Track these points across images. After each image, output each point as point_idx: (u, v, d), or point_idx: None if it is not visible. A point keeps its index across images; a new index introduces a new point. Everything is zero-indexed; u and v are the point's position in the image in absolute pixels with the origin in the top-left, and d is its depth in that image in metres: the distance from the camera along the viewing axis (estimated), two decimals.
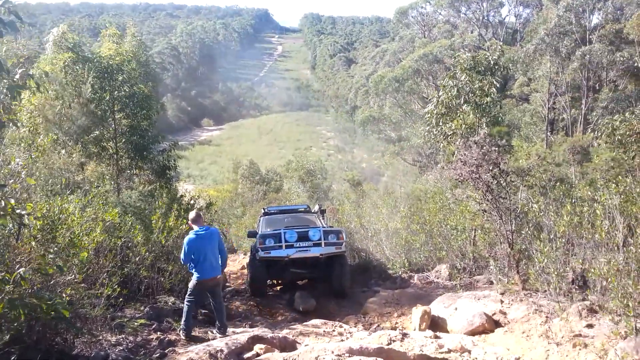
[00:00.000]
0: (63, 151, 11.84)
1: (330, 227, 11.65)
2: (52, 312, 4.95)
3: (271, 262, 10.37)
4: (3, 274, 4.46)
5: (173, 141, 17.01)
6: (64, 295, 5.64)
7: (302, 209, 13.14)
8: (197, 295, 6.99)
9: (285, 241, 10.15)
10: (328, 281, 10.63)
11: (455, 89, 12.34)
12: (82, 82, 13.35)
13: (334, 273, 10.37)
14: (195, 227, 6.89)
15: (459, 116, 12.36)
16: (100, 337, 6.23)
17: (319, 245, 10.17)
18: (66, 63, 13.24)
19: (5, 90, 3.42)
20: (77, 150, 12.09)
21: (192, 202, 12.51)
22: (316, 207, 13.13)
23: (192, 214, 7.13)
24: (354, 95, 66.54)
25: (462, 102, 12.43)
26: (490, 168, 8.91)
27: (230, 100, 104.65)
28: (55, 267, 4.39)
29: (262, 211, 13.17)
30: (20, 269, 4.06)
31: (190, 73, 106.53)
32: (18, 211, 3.78)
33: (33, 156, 7.05)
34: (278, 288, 11.79)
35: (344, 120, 73.34)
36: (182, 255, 6.96)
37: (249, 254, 12.68)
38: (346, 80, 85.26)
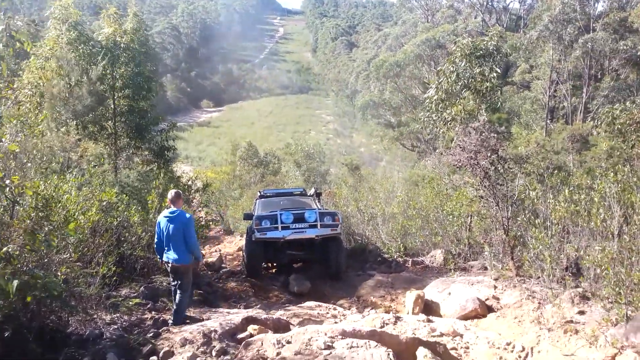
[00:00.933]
0: (63, 129, 11.79)
1: (326, 209, 11.64)
2: (46, 291, 4.98)
3: (267, 243, 10.40)
4: None
5: (172, 122, 16.95)
6: (59, 273, 5.66)
7: (298, 192, 13.16)
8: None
9: (282, 222, 10.16)
10: (323, 263, 10.70)
11: (455, 74, 12.27)
12: (86, 60, 13.26)
13: (330, 255, 10.43)
14: (172, 208, 6.59)
15: (459, 102, 12.31)
16: (95, 316, 6.26)
17: (314, 227, 10.20)
18: (69, 41, 13.13)
19: None
20: (74, 129, 12.04)
21: (189, 183, 12.48)
22: (312, 190, 13.18)
23: (170, 193, 6.76)
24: (355, 79, 66.13)
25: (462, 87, 12.37)
26: (489, 154, 8.90)
27: (230, 81, 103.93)
28: (44, 244, 4.35)
29: (258, 194, 13.19)
30: (9, 247, 4.04)
31: (190, 54, 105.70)
32: (7, 182, 3.72)
33: (26, 134, 6.98)
34: (273, 270, 11.84)
35: (344, 104, 73.04)
36: None
37: (245, 235, 12.69)
38: (347, 64, 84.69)
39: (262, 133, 67.75)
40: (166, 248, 6.53)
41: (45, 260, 5.56)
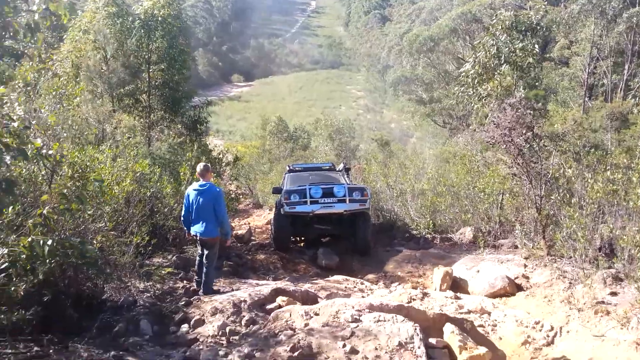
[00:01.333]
0: (99, 101, 12.03)
1: (354, 184, 11.60)
2: (82, 258, 5.14)
3: (295, 217, 10.46)
4: (34, 218, 4.62)
5: (204, 97, 17.10)
6: (94, 242, 5.83)
7: (327, 167, 13.10)
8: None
9: (310, 197, 10.18)
10: (351, 238, 10.71)
11: (495, 47, 11.91)
12: (123, 34, 13.41)
13: (357, 230, 10.41)
14: (202, 181, 6.64)
15: (496, 77, 11.99)
16: (129, 284, 6.45)
17: (343, 201, 10.19)
18: (108, 14, 13.28)
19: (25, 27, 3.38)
20: (109, 101, 12.26)
21: (220, 156, 12.61)
22: (341, 165, 13.06)
23: (199, 167, 6.74)
24: (387, 54, 65.01)
25: (500, 62, 12.02)
26: (524, 132, 8.72)
27: (261, 56, 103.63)
28: (76, 202, 4.46)
29: (287, 168, 13.21)
30: (46, 208, 4.17)
31: (222, 28, 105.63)
32: (44, 152, 3.83)
33: (64, 105, 7.14)
34: (302, 244, 11.95)
35: (375, 79, 72.08)
36: None
37: (274, 209, 12.79)
38: (380, 39, 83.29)
39: (292, 108, 67.66)
40: (194, 221, 6.59)
41: (82, 228, 5.74)
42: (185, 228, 6.93)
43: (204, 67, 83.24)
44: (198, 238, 6.66)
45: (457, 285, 7.77)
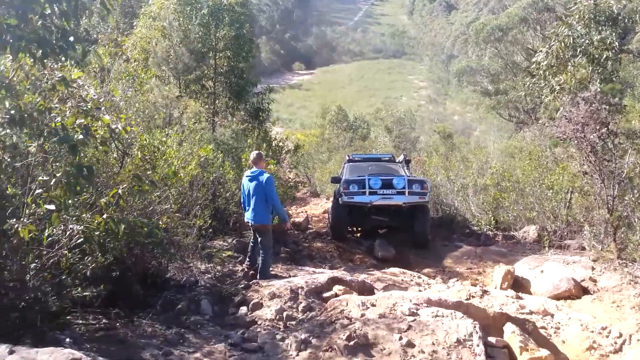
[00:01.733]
0: (167, 87, 12.44)
1: (414, 177, 11.41)
2: (150, 237, 5.37)
3: (353, 207, 10.40)
4: (107, 197, 4.87)
5: (267, 84, 17.31)
6: (160, 222, 6.07)
7: (387, 158, 12.89)
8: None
9: (369, 188, 10.07)
10: (409, 231, 10.57)
11: (571, 38, 11.29)
12: (191, 21, 13.76)
13: (416, 223, 10.26)
14: (254, 168, 6.74)
15: (569, 69, 11.39)
16: (191, 264, 6.67)
17: (402, 194, 10.04)
18: (178, 1, 13.66)
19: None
20: (176, 86, 12.64)
21: (281, 143, 12.77)
22: (401, 157, 12.85)
23: (252, 154, 6.93)
24: (452, 43, 63.63)
25: (576, 54, 11.39)
26: (598, 128, 8.27)
27: (322, 44, 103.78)
28: (148, 184, 4.65)
29: (347, 158, 13.08)
30: (119, 188, 4.36)
31: (285, 15, 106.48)
32: (114, 126, 3.97)
33: (136, 90, 7.44)
34: (358, 234, 11.93)
35: (439, 69, 70.62)
36: None
37: (331, 198, 12.76)
38: (445, 28, 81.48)
39: (353, 97, 67.40)
40: (247, 207, 6.71)
41: (149, 209, 5.98)
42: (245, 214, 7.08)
43: (266, 55, 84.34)
44: (250, 225, 6.78)
45: (518, 285, 7.53)
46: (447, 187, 13.38)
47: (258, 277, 6.58)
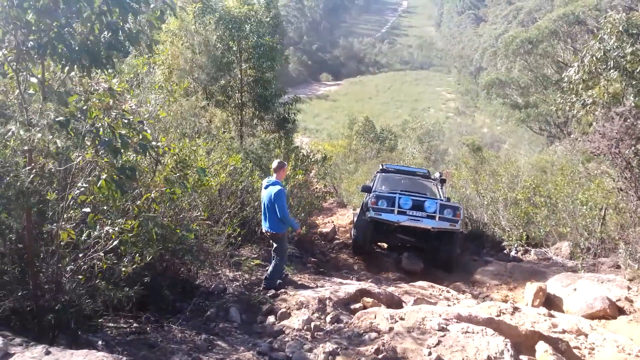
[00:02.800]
0: (194, 98, 12.61)
1: (448, 199, 10.86)
2: (180, 243, 5.43)
3: (379, 223, 10.02)
4: (139, 203, 4.95)
5: (294, 94, 17.38)
6: (186, 232, 6.13)
7: (422, 173, 12.29)
8: None
9: (399, 207, 9.65)
10: (434, 254, 10.24)
11: (602, 51, 11.09)
12: (210, 31, 13.92)
13: (442, 247, 9.91)
14: (272, 177, 6.74)
15: (602, 83, 11.16)
16: (220, 272, 6.74)
17: (432, 217, 9.54)
18: (196, 13, 13.85)
19: (146, 22, 3.62)
20: (203, 97, 12.79)
21: (309, 154, 12.78)
22: (437, 174, 12.40)
23: (274, 162, 6.90)
24: (480, 56, 62.95)
25: (608, 67, 11.16)
26: (633, 143, 8.07)
27: (350, 55, 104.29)
28: (182, 187, 4.73)
29: (380, 167, 12.70)
30: (152, 192, 4.43)
31: (313, 27, 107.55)
32: (153, 143, 4.07)
33: (169, 100, 7.58)
34: (385, 246, 11.81)
35: (467, 82, 70.05)
36: None
37: (358, 209, 12.58)
38: (473, 40, 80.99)
39: (380, 108, 67.42)
40: (263, 216, 6.73)
41: (180, 216, 6.05)
42: None
43: (294, 66, 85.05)
44: (265, 233, 6.80)
45: (550, 303, 7.35)
46: (476, 200, 13.19)
47: (264, 282, 6.57)
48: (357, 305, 5.92)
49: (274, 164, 6.83)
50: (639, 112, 9.50)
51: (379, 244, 11.75)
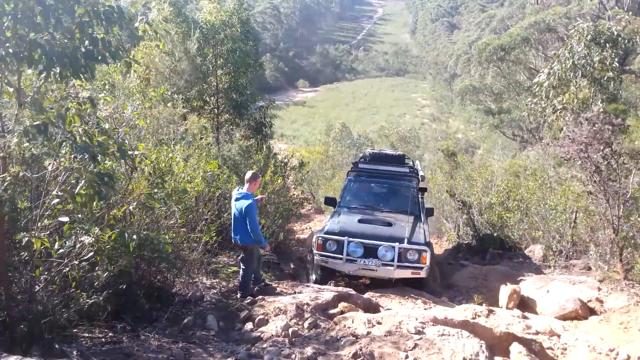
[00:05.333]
0: (170, 104, 12.52)
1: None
2: (156, 251, 5.39)
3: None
4: (115, 211, 4.91)
5: (270, 99, 17.42)
6: (166, 237, 6.09)
7: (402, 173, 10.41)
8: None
9: (347, 255, 8.01)
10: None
11: (571, 60, 11.42)
12: (187, 38, 13.91)
13: (416, 285, 8.33)
14: (243, 188, 6.60)
15: (572, 90, 11.49)
16: (197, 280, 6.69)
17: (390, 266, 7.93)
18: (169, 17, 13.81)
19: (127, 39, 3.64)
20: (181, 103, 12.72)
21: (285, 160, 12.81)
22: (422, 173, 10.90)
23: (247, 173, 6.70)
24: (455, 62, 63.94)
25: (577, 74, 11.50)
26: (601, 148, 8.30)
27: (326, 62, 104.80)
28: (161, 202, 4.72)
29: (358, 160, 11.10)
30: (131, 204, 4.41)
31: (289, 34, 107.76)
32: (131, 152, 4.06)
33: (146, 106, 7.53)
34: None
35: (442, 88, 70.99)
36: None
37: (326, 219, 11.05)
38: (447, 47, 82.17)
39: (356, 115, 67.76)
40: (232, 227, 6.61)
41: (156, 224, 6.00)
42: None
43: (270, 72, 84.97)
44: (235, 243, 6.72)
45: (524, 305, 7.50)
46: (451, 205, 13.37)
47: (239, 292, 6.50)
48: (335, 311, 5.95)
49: (248, 174, 6.67)
50: (606, 118, 9.79)
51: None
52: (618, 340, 5.91)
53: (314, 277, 8.61)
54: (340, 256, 8.00)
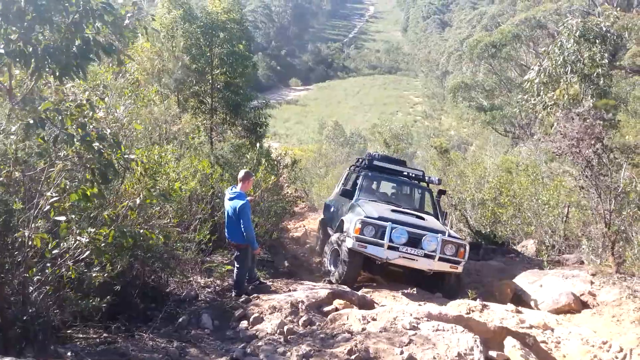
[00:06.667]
0: (164, 103, 12.48)
1: (450, 234, 8.16)
2: (150, 251, 5.39)
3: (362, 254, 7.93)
4: (110, 211, 4.89)
5: (263, 99, 17.40)
6: (160, 237, 6.08)
7: (415, 176, 10.13)
8: None
9: (390, 240, 7.65)
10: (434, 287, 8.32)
11: (562, 57, 11.50)
12: (187, 38, 13.86)
13: (444, 285, 8.17)
14: (236, 188, 6.63)
15: (562, 86, 11.57)
16: (191, 279, 6.68)
17: (431, 257, 7.70)
18: (176, 20, 13.76)
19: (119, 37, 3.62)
20: (175, 102, 12.69)
21: (279, 158, 12.81)
22: (433, 178, 10.33)
23: (240, 172, 6.73)
24: (446, 60, 64.25)
25: (567, 71, 11.58)
26: (593, 143, 8.38)
27: (318, 60, 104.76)
28: (160, 198, 4.72)
29: (362, 161, 10.47)
30: (129, 201, 4.41)
31: (281, 32, 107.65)
32: (127, 156, 4.06)
33: (138, 106, 7.51)
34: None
35: (434, 85, 71.19)
36: None
37: (321, 224, 11.32)
38: (439, 44, 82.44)
39: (349, 113, 67.87)
40: (226, 225, 6.64)
41: (150, 223, 5.98)
42: None
43: (262, 71, 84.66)
44: (228, 242, 6.75)
45: (518, 299, 7.55)
46: (444, 201, 13.40)
47: (233, 291, 6.52)
48: (329, 308, 5.97)
49: (241, 173, 6.69)
50: (597, 113, 9.88)
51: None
52: (611, 333, 5.97)
53: (335, 271, 8.08)
54: (382, 241, 7.63)
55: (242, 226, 6.36)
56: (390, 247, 7.64)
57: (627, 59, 32.57)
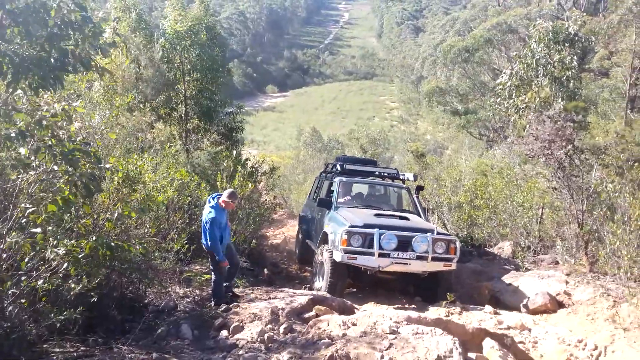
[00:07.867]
0: (136, 112, 12.34)
1: (439, 231, 7.83)
2: (127, 262, 5.32)
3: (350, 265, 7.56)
4: (86, 221, 4.83)
5: (239, 104, 17.36)
6: (137, 247, 6.01)
7: (389, 175, 9.90)
8: None
9: (380, 248, 7.28)
10: (426, 293, 8.11)
11: (533, 60, 11.77)
12: (152, 46, 13.78)
13: (439, 289, 7.74)
14: (213, 201, 6.67)
15: (534, 89, 11.83)
16: (170, 289, 6.62)
17: (423, 258, 7.37)
18: (131, 26, 13.68)
19: (96, 49, 3.59)
20: (148, 111, 12.55)
21: (256, 166, 12.77)
22: (409, 175, 10.02)
23: (227, 191, 6.78)
24: (421, 65, 64.98)
25: (538, 74, 11.86)
26: (564, 144, 8.59)
27: (294, 67, 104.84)
28: (139, 211, 4.68)
29: (332, 166, 10.20)
30: (108, 213, 4.36)
31: (256, 39, 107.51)
32: (102, 165, 4.02)
33: (113, 114, 7.43)
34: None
35: (409, 90, 71.81)
36: None
37: (299, 232, 11.17)
38: (413, 50, 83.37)
39: (326, 119, 68.02)
40: (202, 231, 6.62)
41: (127, 235, 5.91)
42: None
43: (238, 78, 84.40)
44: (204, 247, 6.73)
45: (495, 301, 7.66)
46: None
47: (212, 301, 6.47)
48: (310, 314, 5.97)
49: (228, 192, 6.72)
50: (567, 115, 10.13)
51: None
52: (586, 331, 6.10)
53: (321, 284, 7.76)
54: (371, 250, 7.23)
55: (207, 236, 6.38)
56: (381, 255, 7.28)
57: (596, 62, 33.43)
